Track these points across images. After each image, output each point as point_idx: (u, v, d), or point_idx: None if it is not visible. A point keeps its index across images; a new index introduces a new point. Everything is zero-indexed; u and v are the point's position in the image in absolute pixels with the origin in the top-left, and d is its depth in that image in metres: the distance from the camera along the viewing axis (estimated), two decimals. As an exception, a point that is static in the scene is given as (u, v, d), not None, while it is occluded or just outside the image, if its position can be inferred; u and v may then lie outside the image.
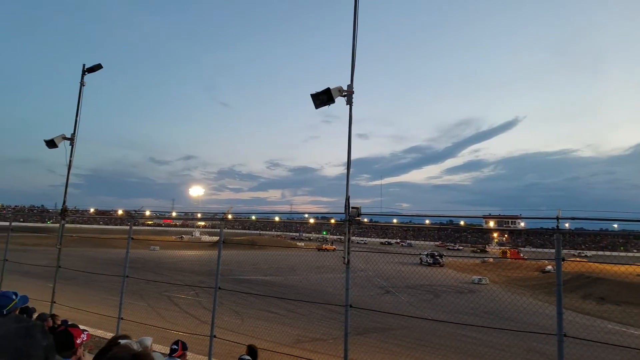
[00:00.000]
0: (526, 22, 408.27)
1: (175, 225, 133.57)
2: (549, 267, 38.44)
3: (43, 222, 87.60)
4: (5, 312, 3.28)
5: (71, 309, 11.15)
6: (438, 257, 41.94)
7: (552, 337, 5.58)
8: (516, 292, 26.35)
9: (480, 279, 32.74)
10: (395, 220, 10.07)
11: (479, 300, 20.13)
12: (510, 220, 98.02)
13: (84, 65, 11.87)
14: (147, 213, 14.89)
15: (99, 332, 11.17)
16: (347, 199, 7.21)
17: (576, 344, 6.10)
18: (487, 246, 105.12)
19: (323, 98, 7.23)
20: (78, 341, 3.77)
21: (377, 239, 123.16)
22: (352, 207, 7.23)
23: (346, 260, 7.16)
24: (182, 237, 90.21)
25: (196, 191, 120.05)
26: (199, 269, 31.70)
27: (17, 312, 3.55)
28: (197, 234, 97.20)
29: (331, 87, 7.18)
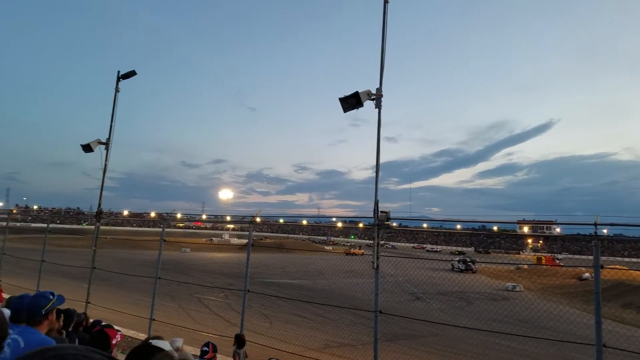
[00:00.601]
0: (561, 23, 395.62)
1: (205, 228, 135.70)
2: (587, 275, 37.11)
3: (79, 224, 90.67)
4: (44, 312, 3.35)
5: (105, 309, 11.43)
6: (470, 263, 41.16)
7: (591, 348, 5.36)
8: (552, 300, 25.52)
9: (514, 285, 31.90)
10: (425, 225, 9.95)
11: (513, 307, 19.59)
12: (545, 226, 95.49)
13: (118, 72, 12.18)
14: (179, 216, 15.18)
15: (132, 333, 11.40)
16: (376, 202, 7.14)
17: (616, 354, 5.85)
18: (521, 252, 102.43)
19: (352, 102, 7.19)
20: (113, 342, 3.86)
21: (408, 244, 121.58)
22: (381, 211, 7.15)
23: (375, 265, 7.08)
24: (212, 239, 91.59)
25: (225, 194, 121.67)
26: (229, 271, 32.05)
27: (54, 312, 3.61)
28: (226, 236, 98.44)
29: (360, 91, 7.13)
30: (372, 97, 7.22)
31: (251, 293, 9.39)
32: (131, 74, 12.23)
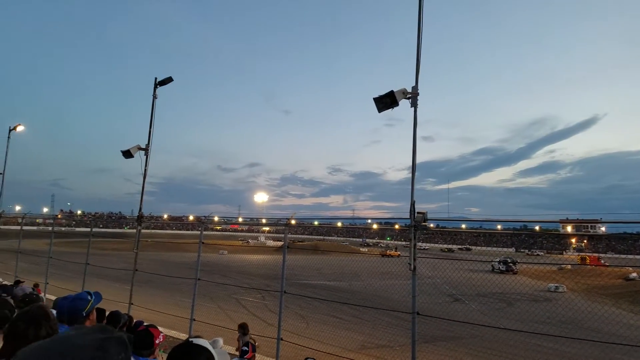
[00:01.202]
0: (605, 13, 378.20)
1: (242, 231, 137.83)
2: (634, 275, 35.46)
3: (121, 228, 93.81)
4: (84, 314, 3.42)
5: (147, 310, 11.78)
6: (511, 264, 40.06)
7: (638, 350, 5.11)
8: (597, 301, 24.50)
9: (557, 286, 30.85)
10: (463, 226, 9.74)
11: (556, 308, 18.93)
12: (589, 225, 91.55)
13: (155, 78, 12.48)
14: (216, 219, 15.49)
15: (173, 333, 11.70)
16: (412, 203, 7.03)
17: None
18: (564, 252, 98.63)
19: (386, 101, 7.11)
20: (157, 341, 3.97)
21: (445, 245, 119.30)
22: (418, 212, 7.04)
23: (412, 266, 6.98)
24: (248, 241, 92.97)
25: (260, 197, 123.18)
26: (265, 273, 32.41)
27: (94, 311, 3.69)
28: (262, 238, 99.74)
29: (395, 90, 7.06)
30: (408, 96, 7.12)
31: (288, 294, 9.46)
32: (168, 80, 12.52)
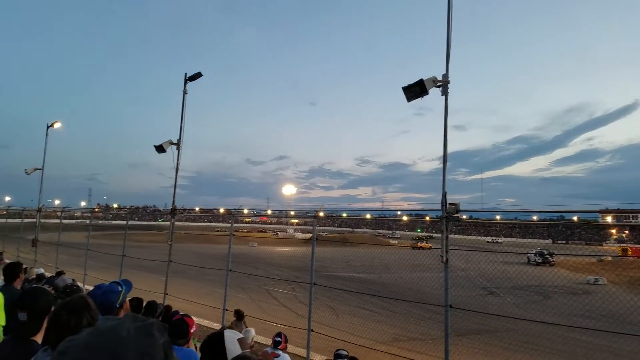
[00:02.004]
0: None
1: (271, 223, 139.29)
2: (681, 267, 33.93)
3: (155, 221, 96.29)
4: (118, 305, 3.48)
5: (182, 300, 12.04)
6: (548, 256, 38.99)
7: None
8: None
9: (596, 279, 29.81)
10: (498, 217, 9.53)
11: (595, 302, 18.31)
12: (631, 215, 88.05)
13: (185, 74, 12.63)
14: (245, 211, 15.61)
15: (206, 322, 11.93)
16: (444, 194, 6.90)
17: None
18: (604, 244, 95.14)
19: (416, 90, 6.96)
20: (192, 330, 4.03)
21: (482, 237, 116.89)
22: (450, 204, 6.90)
23: (444, 259, 6.88)
24: (277, 233, 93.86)
25: (289, 190, 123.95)
26: (294, 264, 32.62)
27: (127, 300, 3.76)
28: (290, 231, 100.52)
29: (424, 78, 6.90)
30: (438, 84, 6.95)
31: (317, 286, 9.47)
32: (197, 75, 12.65)
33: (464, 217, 7.70)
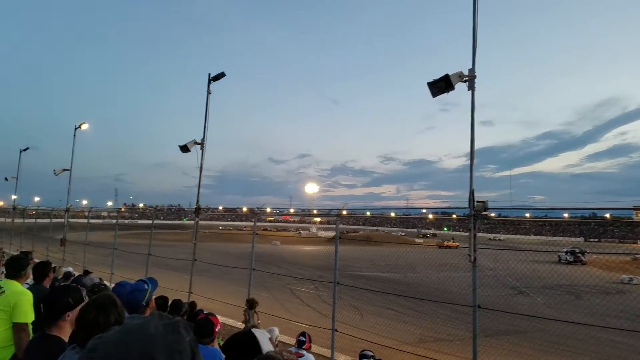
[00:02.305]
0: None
1: (294, 222, 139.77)
2: None
3: (180, 220, 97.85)
4: (144, 304, 3.50)
5: (206, 298, 12.11)
6: (579, 254, 37.93)
7: None
8: (678, 294, 22.67)
9: (630, 278, 28.73)
10: (527, 215, 9.25)
11: (630, 301, 17.72)
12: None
13: (209, 74, 12.72)
14: (268, 210, 15.64)
15: (230, 322, 11.97)
16: (472, 192, 6.74)
17: None
18: (639, 242, 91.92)
19: (441, 85, 6.82)
20: (217, 329, 4.00)
21: (510, 235, 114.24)
22: (478, 201, 6.74)
23: (472, 258, 6.72)
24: (300, 232, 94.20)
25: (311, 188, 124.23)
26: (317, 263, 32.58)
27: (153, 300, 3.77)
28: (313, 229, 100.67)
29: (450, 73, 6.74)
30: (464, 79, 6.78)
31: (341, 285, 9.37)
32: (220, 75, 12.72)
33: (492, 215, 7.50)
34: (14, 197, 27.22)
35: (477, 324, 6.59)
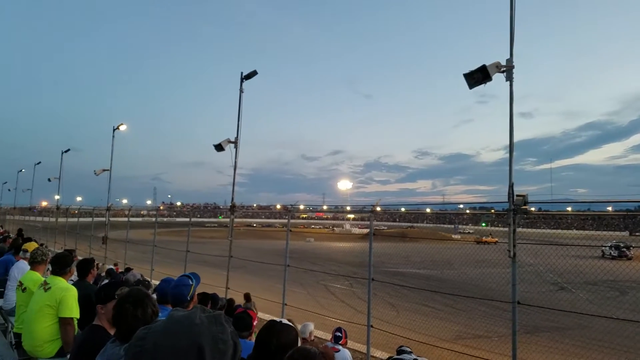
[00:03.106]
0: None
1: (327, 218, 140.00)
2: None
3: (215, 217, 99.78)
4: (189, 298, 3.61)
5: (242, 294, 12.30)
6: (625, 249, 36.32)
7: None
8: None
9: (680, 273, 27.41)
10: (569, 209, 8.93)
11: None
12: None
13: (242, 73, 12.84)
14: (301, 207, 15.74)
15: (266, 317, 12.11)
16: (511, 186, 6.56)
17: None
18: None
19: (478, 77, 6.65)
20: (254, 323, 4.06)
21: (548, 230, 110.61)
22: (517, 195, 6.56)
23: (512, 253, 6.56)
24: (333, 229, 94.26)
25: (344, 185, 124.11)
26: (352, 260, 32.54)
27: (196, 294, 3.89)
28: (347, 226, 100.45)
29: (487, 64, 6.56)
30: (502, 69, 6.59)
31: (376, 282, 9.32)
32: (253, 74, 12.82)
33: (533, 209, 7.28)
34: (57, 197, 28.42)
35: (516, 320, 6.43)
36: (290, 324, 2.59)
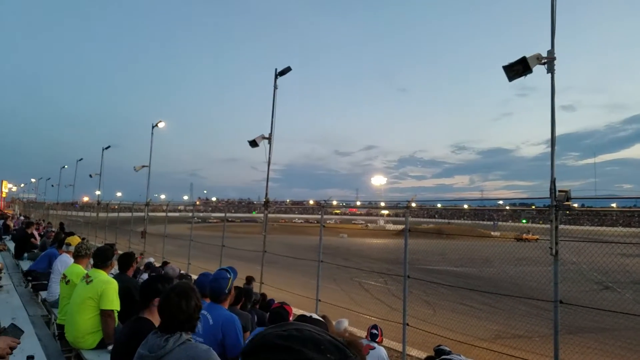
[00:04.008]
0: None
1: (360, 214, 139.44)
2: None
3: (249, 213, 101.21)
4: (227, 291, 3.66)
5: (277, 289, 12.41)
6: (674, 247, 34.64)
7: None
8: None
9: None
10: (614, 205, 8.53)
11: None
12: None
13: (275, 69, 12.92)
14: (334, 203, 15.67)
15: (300, 312, 12.15)
16: (553, 181, 6.33)
17: None
18: None
19: (518, 69, 6.44)
20: (290, 318, 4.08)
21: (592, 227, 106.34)
22: (559, 191, 6.33)
23: (554, 251, 6.33)
24: (367, 225, 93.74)
25: (378, 180, 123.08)
26: (386, 256, 32.25)
27: (234, 288, 3.94)
28: (381, 222, 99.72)
29: (527, 56, 6.34)
30: (543, 61, 6.34)
31: (411, 279, 9.18)
32: (287, 70, 12.88)
33: (575, 205, 7.01)
34: (97, 192, 29.50)
35: (558, 320, 6.24)
36: (320, 318, 2.57)
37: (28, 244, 11.58)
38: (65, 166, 44.02)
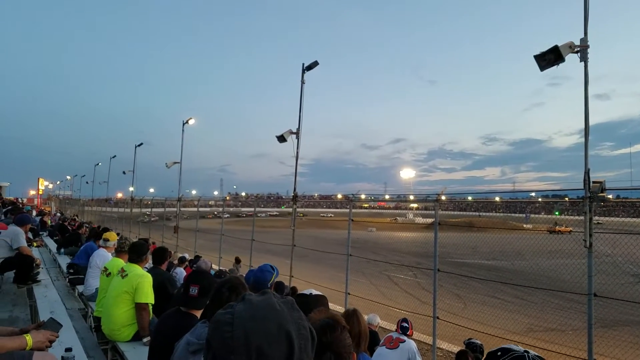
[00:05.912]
0: None
1: (389, 208, 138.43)
2: None
3: (278, 207, 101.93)
4: (269, 285, 3.82)
5: (306, 282, 12.54)
6: None
7: None
8: None
9: None
10: (650, 195, 8.26)
11: None
12: None
13: (303, 64, 12.97)
14: (363, 197, 15.68)
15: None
16: (587, 172, 6.20)
17: None
18: None
19: (550, 58, 6.31)
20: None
21: (628, 219, 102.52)
22: (594, 182, 6.20)
23: (588, 243, 6.21)
24: (396, 219, 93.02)
25: (407, 173, 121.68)
26: (415, 250, 31.98)
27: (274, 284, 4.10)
28: (410, 215, 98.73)
29: (559, 44, 6.21)
30: (576, 50, 6.20)
31: (441, 272, 9.15)
32: (314, 64, 12.90)
33: (610, 196, 6.85)
34: (131, 189, 30.24)
35: (592, 313, 6.13)
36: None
37: (69, 240, 11.96)
38: (99, 163, 45.21)
